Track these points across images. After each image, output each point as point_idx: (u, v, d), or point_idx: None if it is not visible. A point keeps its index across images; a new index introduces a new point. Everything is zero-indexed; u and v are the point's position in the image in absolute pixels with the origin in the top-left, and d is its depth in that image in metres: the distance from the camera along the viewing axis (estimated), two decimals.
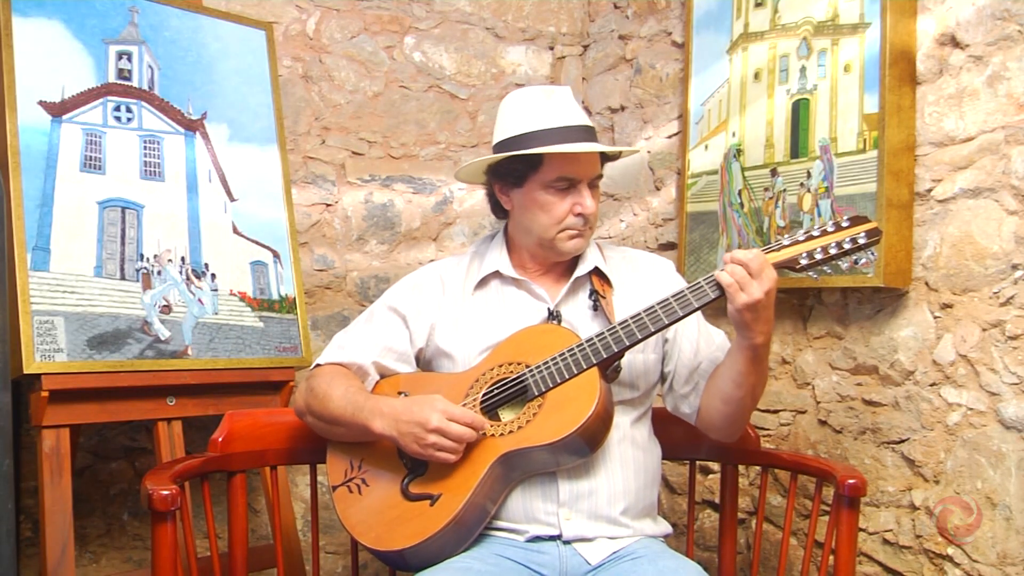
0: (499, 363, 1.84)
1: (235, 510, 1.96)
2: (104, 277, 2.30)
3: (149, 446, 2.76)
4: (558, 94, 1.90)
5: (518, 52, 3.35)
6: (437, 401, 1.75)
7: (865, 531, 2.26)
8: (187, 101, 2.55)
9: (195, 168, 2.53)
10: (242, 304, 2.54)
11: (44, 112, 2.28)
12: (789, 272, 1.73)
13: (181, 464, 1.87)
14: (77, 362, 2.19)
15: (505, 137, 1.89)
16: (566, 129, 1.84)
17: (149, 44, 2.50)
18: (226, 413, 2.00)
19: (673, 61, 2.96)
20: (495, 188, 1.96)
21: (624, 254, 2.05)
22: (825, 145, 2.31)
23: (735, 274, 1.66)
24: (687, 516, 2.18)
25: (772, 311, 1.70)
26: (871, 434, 2.26)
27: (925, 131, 2.14)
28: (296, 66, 3.01)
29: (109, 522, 2.77)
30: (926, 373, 2.13)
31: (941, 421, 2.10)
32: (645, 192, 3.08)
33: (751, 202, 2.54)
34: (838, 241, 1.69)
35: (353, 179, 3.10)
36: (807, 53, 2.38)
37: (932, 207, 2.13)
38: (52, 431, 2.18)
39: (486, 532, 1.81)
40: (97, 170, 2.35)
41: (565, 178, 1.84)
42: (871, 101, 2.18)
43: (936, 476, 2.10)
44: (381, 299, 2.03)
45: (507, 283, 1.97)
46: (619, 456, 1.84)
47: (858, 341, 2.29)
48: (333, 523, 2.74)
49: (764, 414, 2.57)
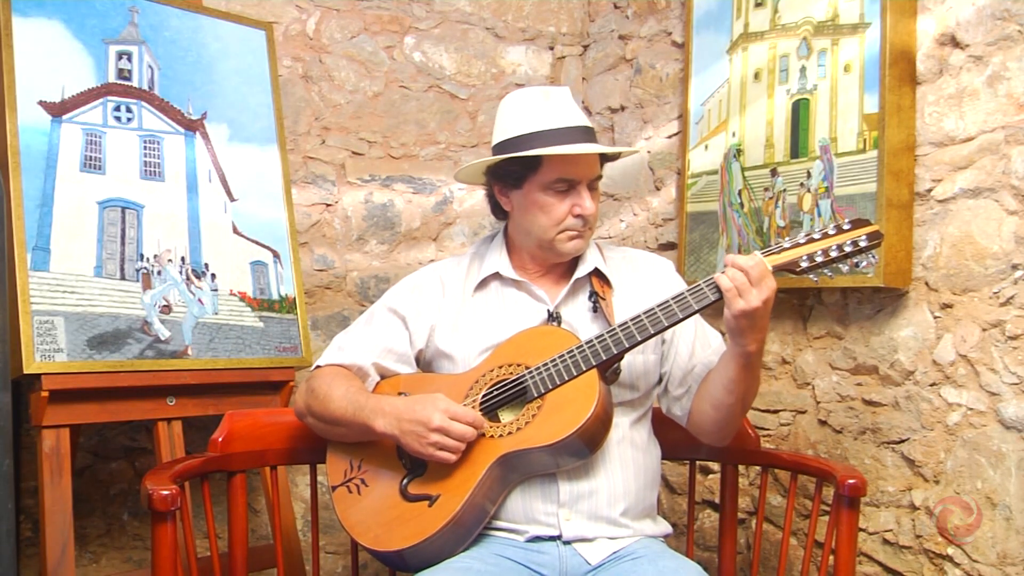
0: (499, 364, 1.84)
1: (235, 510, 1.96)
2: (104, 277, 2.30)
3: (149, 446, 2.76)
4: (556, 95, 1.89)
5: (518, 52, 3.35)
6: (439, 400, 1.75)
7: (865, 531, 2.26)
8: (187, 101, 2.55)
9: (195, 168, 2.53)
10: (242, 304, 2.54)
11: (44, 112, 2.28)
12: (789, 274, 1.72)
13: (181, 464, 1.87)
14: (77, 362, 2.19)
15: (504, 138, 1.89)
16: (565, 130, 1.84)
17: (149, 44, 2.49)
18: (226, 413, 2.01)
19: (673, 61, 2.96)
20: (495, 189, 1.96)
21: (624, 254, 2.05)
22: (825, 145, 2.31)
23: (735, 279, 1.65)
24: (687, 516, 2.18)
25: (767, 320, 1.70)
26: (871, 434, 2.26)
27: (925, 131, 2.14)
28: (296, 66, 3.01)
29: (109, 522, 2.77)
30: (926, 373, 2.13)
31: (941, 421, 2.10)
32: (645, 192, 3.08)
33: (751, 202, 2.54)
34: (839, 244, 1.69)
35: (353, 179, 3.10)
36: (807, 53, 2.38)
37: (932, 207, 2.12)
38: (52, 431, 2.18)
39: (486, 532, 1.82)
40: (97, 170, 2.35)
41: (564, 179, 1.84)
42: (871, 101, 2.18)
43: (936, 476, 2.10)
44: (381, 300, 2.03)
45: (507, 284, 1.96)
46: (619, 457, 1.84)
47: (858, 341, 2.29)
48: (333, 523, 2.74)
49: (764, 414, 2.57)
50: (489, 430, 1.78)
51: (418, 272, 2.06)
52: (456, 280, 2.00)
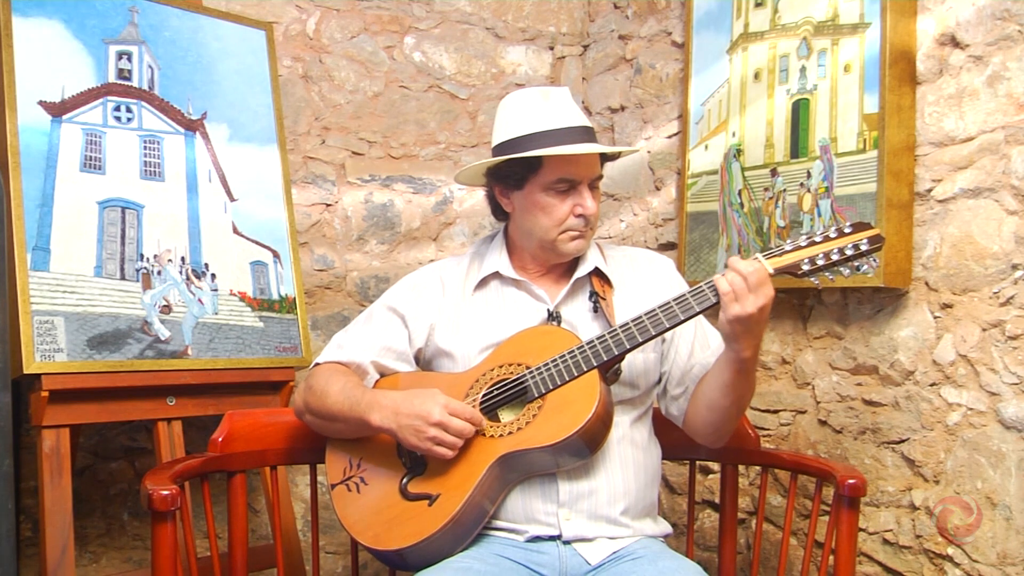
0: (499, 364, 1.85)
1: (235, 510, 1.97)
2: (104, 277, 2.30)
3: (149, 446, 2.76)
4: (556, 95, 1.90)
5: (518, 52, 3.36)
6: (438, 395, 1.76)
7: (865, 531, 2.26)
8: (187, 101, 2.55)
9: (195, 168, 2.53)
10: (242, 304, 2.54)
11: (44, 112, 2.28)
12: (790, 276, 1.72)
13: (181, 464, 1.87)
14: (77, 362, 2.19)
15: (504, 139, 1.89)
16: (565, 130, 1.84)
17: (149, 44, 2.50)
18: (226, 413, 2.01)
19: (673, 61, 2.97)
20: (495, 191, 1.97)
21: (625, 253, 2.06)
22: (825, 145, 2.31)
23: (733, 283, 1.65)
24: (687, 516, 2.18)
25: (764, 327, 1.70)
26: (871, 434, 2.26)
27: (925, 131, 2.15)
28: (296, 66, 3.02)
29: (109, 522, 2.77)
30: (926, 373, 2.13)
31: (941, 421, 2.10)
32: (645, 192, 3.08)
33: (751, 202, 2.54)
34: (840, 247, 1.68)
35: (353, 179, 3.10)
36: (807, 53, 2.38)
37: (932, 207, 2.13)
38: (52, 431, 2.18)
39: (486, 532, 1.82)
40: (97, 170, 2.35)
41: (565, 179, 1.85)
42: (871, 101, 2.18)
43: (936, 476, 2.11)
44: (380, 299, 2.04)
45: (507, 284, 1.97)
46: (619, 456, 1.84)
47: (858, 341, 2.29)
48: (333, 523, 2.74)
49: (764, 414, 2.57)
50: (489, 430, 1.78)
51: (418, 271, 2.07)
52: (456, 279, 2.00)
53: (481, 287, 1.98)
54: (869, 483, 2.17)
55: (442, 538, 1.75)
